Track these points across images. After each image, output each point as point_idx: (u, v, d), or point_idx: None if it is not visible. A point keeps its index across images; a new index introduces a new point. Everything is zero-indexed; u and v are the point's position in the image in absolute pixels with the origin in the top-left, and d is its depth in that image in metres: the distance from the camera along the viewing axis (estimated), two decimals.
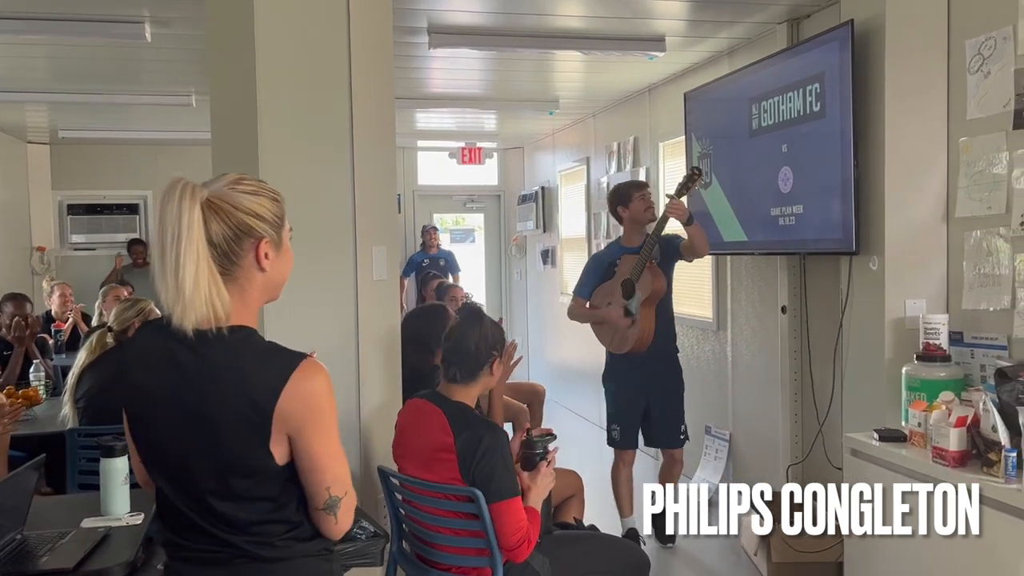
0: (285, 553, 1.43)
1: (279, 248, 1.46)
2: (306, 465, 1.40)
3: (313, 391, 1.38)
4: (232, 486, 1.39)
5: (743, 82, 4.28)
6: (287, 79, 2.88)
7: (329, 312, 2.94)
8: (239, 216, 1.40)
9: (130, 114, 6.62)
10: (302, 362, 1.39)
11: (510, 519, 2.37)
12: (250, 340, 1.42)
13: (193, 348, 1.37)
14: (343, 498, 1.44)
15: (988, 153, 3.06)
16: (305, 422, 1.38)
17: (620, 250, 4.15)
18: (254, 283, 1.44)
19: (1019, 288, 2.94)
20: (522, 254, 9.20)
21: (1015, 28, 2.93)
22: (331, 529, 1.46)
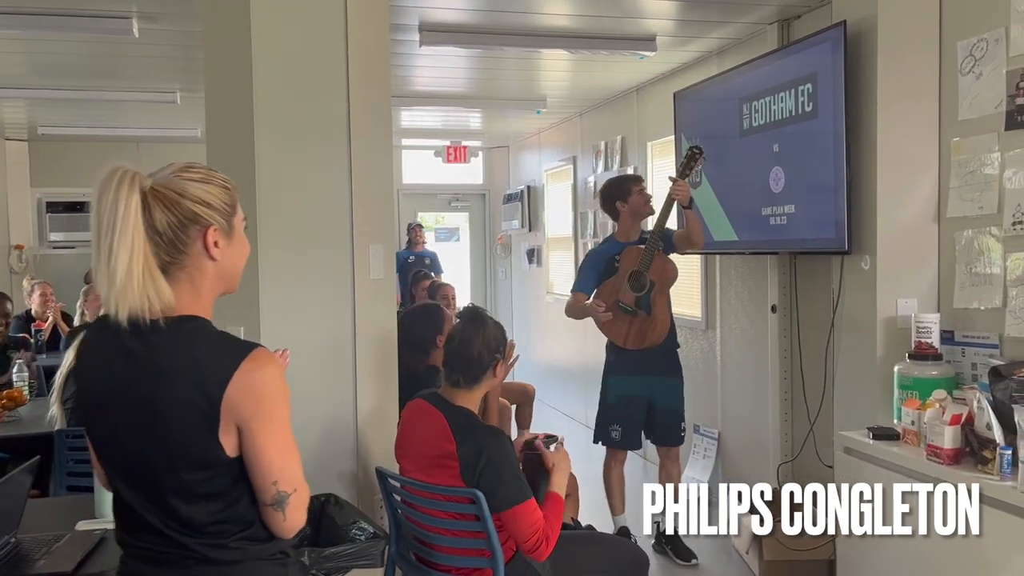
0: (237, 555, 1.40)
1: (230, 236, 1.43)
2: (253, 458, 1.37)
3: (262, 381, 1.36)
4: (183, 480, 1.37)
5: (734, 82, 4.30)
6: (284, 76, 2.86)
7: (326, 310, 2.92)
8: (185, 204, 1.37)
9: (112, 111, 6.54)
10: (252, 351, 1.37)
11: (524, 522, 2.35)
12: (201, 329, 1.40)
13: (143, 338, 1.35)
14: (292, 494, 1.39)
15: (980, 154, 3.09)
16: (253, 412, 1.35)
17: (619, 245, 4.07)
18: (205, 273, 1.41)
19: (1011, 287, 2.97)
20: (507, 253, 9.19)
21: (1007, 30, 2.96)
22: (280, 527, 1.41)
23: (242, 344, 1.39)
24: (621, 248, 4.03)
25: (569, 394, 7.38)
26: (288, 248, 2.90)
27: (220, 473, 1.38)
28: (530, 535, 2.35)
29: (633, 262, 3.93)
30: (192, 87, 5.54)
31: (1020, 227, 2.92)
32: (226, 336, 1.42)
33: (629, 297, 3.94)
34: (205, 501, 1.38)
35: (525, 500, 2.37)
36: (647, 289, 3.92)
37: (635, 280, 3.94)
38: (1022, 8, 2.90)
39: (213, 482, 1.38)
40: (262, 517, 1.42)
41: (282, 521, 1.41)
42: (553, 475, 2.51)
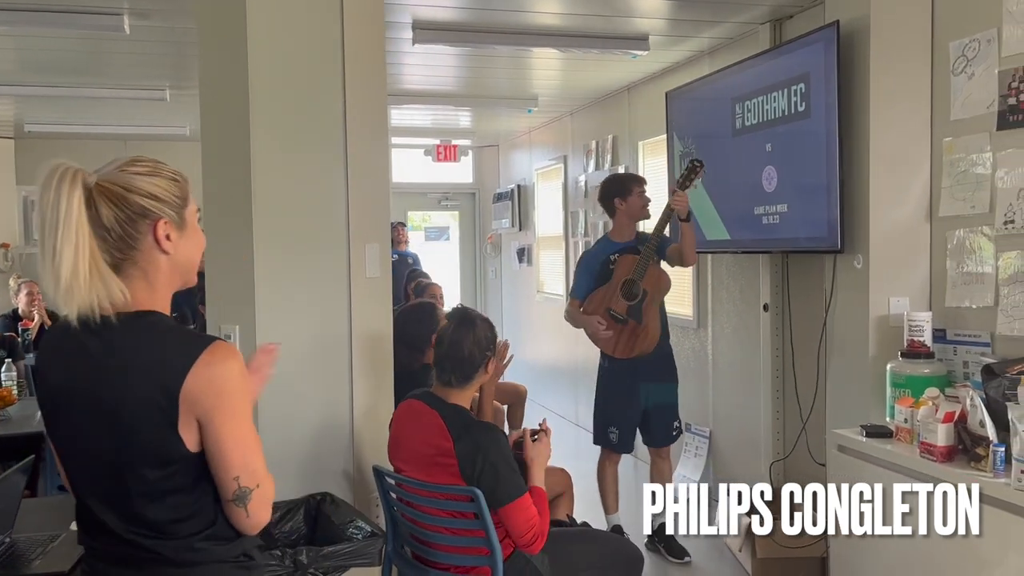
0: (200, 557, 1.39)
1: (182, 229, 1.42)
2: (214, 452, 1.36)
3: (222, 374, 1.34)
4: (145, 478, 1.35)
5: (727, 81, 4.32)
6: (280, 75, 2.85)
7: (322, 309, 2.92)
8: (132, 198, 1.36)
9: (100, 108, 6.49)
10: (212, 344, 1.36)
11: (521, 518, 2.37)
12: (158, 324, 1.39)
13: (99, 336, 1.34)
14: (254, 490, 1.38)
15: (972, 153, 3.11)
16: (213, 406, 1.34)
17: (612, 246, 4.07)
18: (159, 267, 1.40)
19: (1002, 286, 2.99)
20: (497, 252, 9.19)
21: (999, 30, 2.98)
22: (243, 523, 1.40)
23: (201, 338, 1.39)
24: (615, 248, 4.03)
25: (560, 393, 7.39)
26: (284, 247, 2.89)
27: (182, 469, 1.36)
28: (526, 529, 2.37)
29: (628, 270, 3.93)
30: (182, 84, 5.51)
31: (1012, 226, 2.94)
32: (184, 330, 1.42)
33: (621, 306, 3.95)
34: (167, 499, 1.36)
35: (521, 495, 2.39)
36: (639, 299, 3.93)
37: (628, 289, 3.94)
38: (1014, 9, 2.92)
39: (175, 479, 1.36)
40: (225, 514, 1.40)
41: (245, 517, 1.39)
42: (531, 469, 2.52)
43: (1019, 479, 2.37)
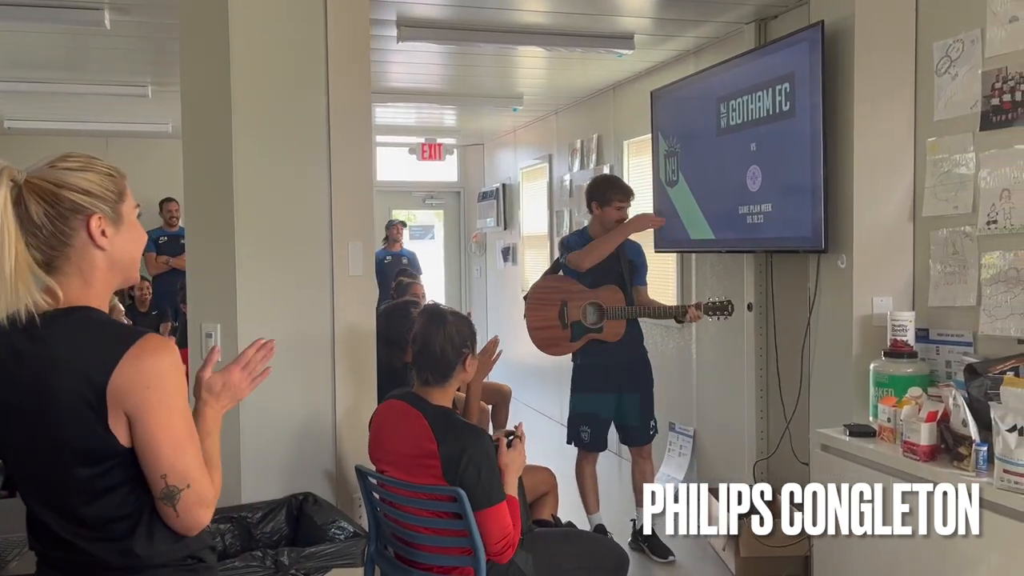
0: (141, 561, 1.36)
1: (118, 224, 1.39)
2: (142, 448, 1.32)
3: (151, 367, 1.31)
4: (79, 476, 1.32)
5: (712, 81, 4.32)
6: (262, 72, 2.83)
7: (305, 308, 2.90)
8: (63, 194, 1.33)
9: (81, 104, 6.42)
10: (142, 338, 1.33)
11: (496, 524, 2.35)
12: (89, 319, 1.36)
13: (30, 335, 1.31)
14: (184, 490, 1.33)
15: (955, 154, 3.13)
16: (142, 400, 1.30)
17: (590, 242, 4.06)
18: (95, 263, 1.37)
19: (985, 286, 3.01)
20: (482, 251, 9.17)
21: (983, 31, 2.99)
22: (173, 523, 1.35)
23: (131, 331, 1.36)
24: None
25: (545, 393, 7.38)
26: (266, 245, 2.86)
27: (117, 465, 1.33)
28: (499, 538, 2.36)
29: (608, 300, 3.94)
30: (164, 80, 5.45)
31: (994, 226, 2.96)
32: (115, 324, 1.39)
33: (575, 314, 3.96)
34: (104, 497, 1.34)
35: (500, 502, 2.37)
36: (589, 328, 3.96)
37: (590, 313, 3.96)
38: (998, 9, 2.94)
39: (111, 475, 1.34)
40: (158, 513, 1.36)
41: (175, 518, 1.35)
42: (504, 476, 2.47)
43: (1001, 478, 2.38)
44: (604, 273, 3.96)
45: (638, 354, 4.07)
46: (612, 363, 3.98)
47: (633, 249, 4.09)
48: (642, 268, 4.08)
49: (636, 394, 4.03)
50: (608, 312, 3.91)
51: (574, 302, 3.98)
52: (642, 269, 4.08)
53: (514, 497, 2.48)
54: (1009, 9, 2.90)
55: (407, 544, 2.49)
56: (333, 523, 2.60)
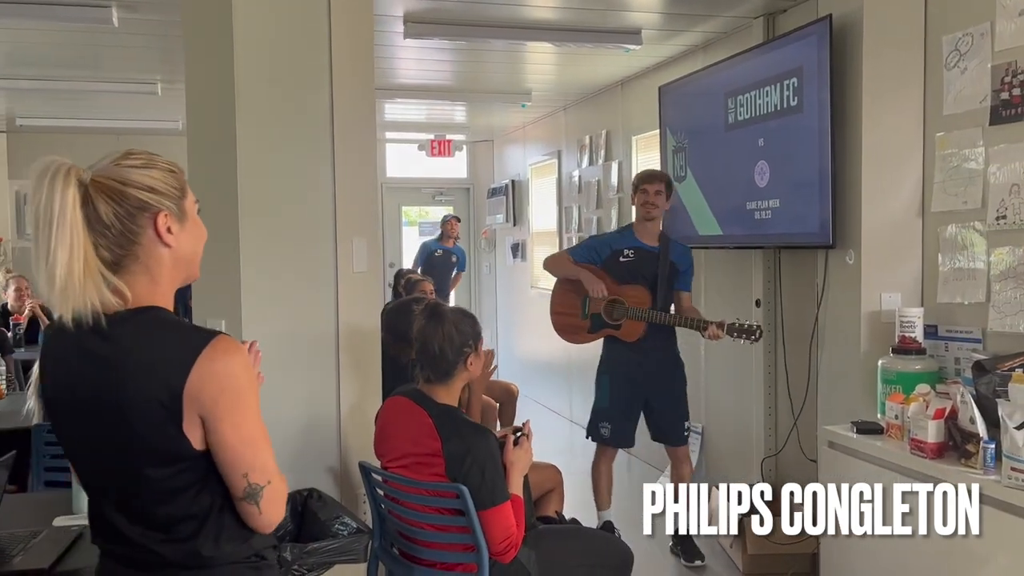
0: (208, 561, 1.36)
1: (183, 221, 1.38)
2: (220, 450, 1.33)
3: (226, 370, 1.31)
4: (150, 478, 1.32)
5: (720, 76, 4.30)
6: (266, 67, 2.82)
7: (309, 304, 2.90)
8: (130, 192, 1.32)
9: (92, 102, 6.45)
10: (214, 339, 1.32)
11: (500, 524, 2.35)
12: (158, 320, 1.35)
13: (101, 335, 1.31)
14: (265, 487, 1.34)
15: (964, 148, 3.10)
16: (217, 403, 1.30)
17: (630, 241, 3.90)
18: (162, 261, 1.36)
19: (994, 282, 2.98)
20: (491, 247, 9.17)
21: (992, 24, 2.96)
22: (256, 521, 1.36)
23: (203, 332, 1.35)
24: (632, 244, 3.88)
25: (553, 389, 7.37)
26: (270, 241, 2.86)
27: (188, 468, 1.33)
28: (502, 538, 2.35)
29: (633, 299, 3.79)
30: (173, 78, 5.47)
31: (1004, 222, 2.93)
32: (186, 325, 1.38)
33: (596, 307, 3.84)
34: (175, 498, 1.34)
35: (503, 502, 2.37)
36: (608, 325, 3.85)
37: (612, 310, 3.84)
38: (1007, 3, 2.90)
39: (181, 477, 1.33)
40: (239, 513, 1.37)
41: (257, 515, 1.36)
42: (509, 474, 2.45)
43: (1009, 476, 2.36)
44: (636, 271, 3.83)
45: (669, 354, 3.92)
46: (639, 361, 3.86)
47: (678, 251, 3.91)
48: (686, 273, 3.91)
49: (666, 395, 3.90)
50: (629, 311, 3.79)
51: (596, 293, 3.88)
52: (686, 274, 3.91)
53: (519, 496, 2.47)
54: (1018, 2, 2.87)
55: (411, 541, 2.49)
56: (337, 519, 2.59)
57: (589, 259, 3.92)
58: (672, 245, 3.89)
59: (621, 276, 3.84)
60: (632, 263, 3.84)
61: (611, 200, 6.13)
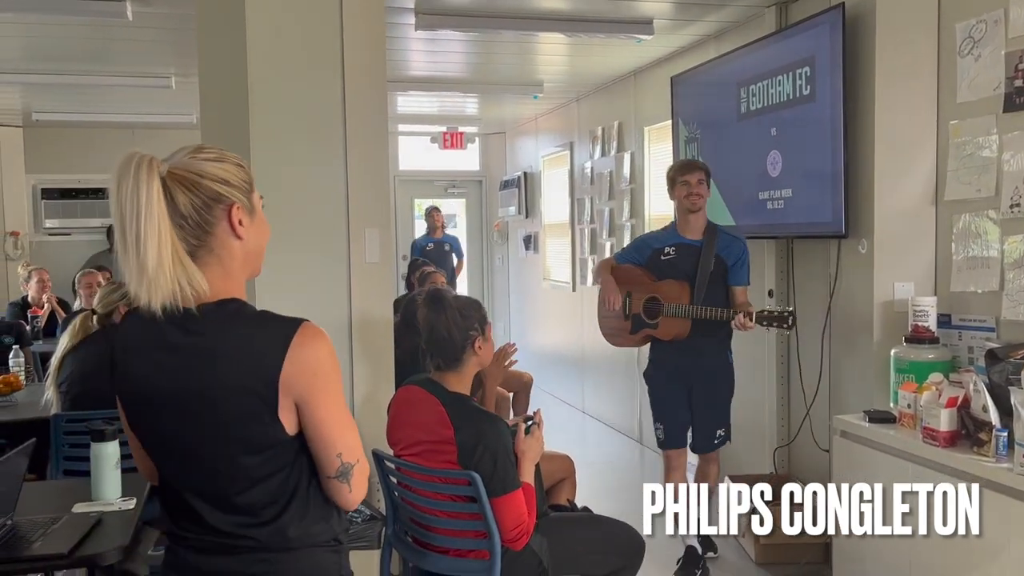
0: (293, 543, 1.39)
1: (252, 214, 1.41)
2: (315, 432, 1.37)
3: (316, 355, 1.35)
4: (242, 465, 1.36)
5: (732, 65, 4.28)
6: (279, 61, 2.86)
7: (322, 294, 2.93)
8: (206, 184, 1.35)
9: (107, 96, 6.50)
10: (301, 326, 1.36)
11: (511, 511, 2.36)
12: (242, 311, 1.38)
13: (185, 328, 1.34)
14: (356, 465, 1.40)
15: (978, 136, 3.08)
16: (311, 387, 1.35)
17: (672, 237, 3.67)
18: (234, 253, 1.39)
19: (1007, 270, 2.97)
20: (504, 240, 9.18)
21: (1006, 11, 2.95)
22: (346, 498, 1.41)
23: (289, 320, 1.38)
24: (673, 241, 3.64)
25: (566, 380, 7.39)
26: (283, 232, 2.88)
27: (280, 453, 1.37)
28: (513, 525, 2.37)
29: (669, 295, 3.57)
30: (187, 72, 5.51)
31: (1017, 210, 2.91)
32: (270, 314, 1.40)
33: (636, 306, 3.65)
34: (264, 483, 1.37)
35: (515, 489, 2.38)
36: (647, 324, 3.64)
37: (650, 308, 3.63)
38: None
39: (274, 462, 1.37)
40: (327, 492, 1.41)
41: (348, 493, 1.41)
42: (521, 463, 2.46)
43: (1022, 464, 2.36)
44: (676, 268, 3.59)
45: (717, 359, 3.65)
46: (677, 363, 3.64)
47: (724, 243, 3.58)
48: (735, 266, 3.58)
49: (704, 400, 3.64)
50: (664, 308, 3.57)
51: (637, 294, 3.67)
52: (736, 267, 3.58)
53: (530, 484, 2.48)
54: None
55: (424, 528, 2.52)
56: None
57: (633, 260, 3.74)
58: (720, 237, 3.59)
59: (662, 274, 3.63)
60: (673, 260, 3.62)
61: (623, 191, 6.13)
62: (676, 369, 3.66)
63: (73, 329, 3.56)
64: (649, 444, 6.00)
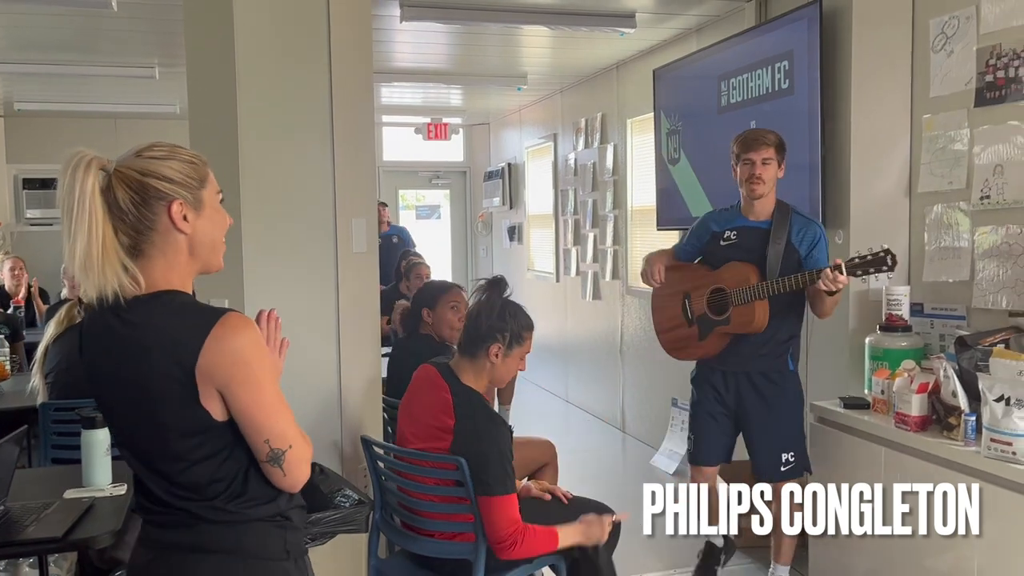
0: (237, 517, 1.45)
1: (199, 209, 1.46)
2: (241, 419, 1.42)
3: (235, 345, 1.39)
4: (176, 449, 1.42)
5: (713, 59, 4.35)
6: (266, 51, 2.88)
7: (310, 284, 2.96)
8: (146, 181, 1.41)
9: (90, 86, 6.48)
10: (222, 317, 1.40)
11: (500, 515, 2.37)
12: (173, 301, 1.43)
13: (121, 316, 1.40)
14: (287, 451, 1.44)
15: (950, 130, 3.16)
16: (231, 377, 1.39)
17: (735, 219, 3.10)
18: (178, 247, 1.44)
19: (978, 260, 3.05)
20: (488, 231, 9.22)
21: (977, 8, 3.02)
22: (281, 482, 1.46)
23: (212, 311, 1.42)
24: (736, 224, 3.09)
25: (549, 369, 7.45)
26: (271, 222, 2.93)
27: (213, 437, 1.42)
28: (503, 529, 2.37)
29: (733, 280, 3.01)
30: (171, 62, 5.50)
31: (987, 202, 3.00)
32: (197, 305, 1.45)
33: (699, 306, 3.11)
34: (202, 464, 1.43)
35: (505, 494, 2.38)
36: (716, 321, 3.07)
37: (716, 301, 3.07)
38: None
39: (208, 445, 1.42)
40: (265, 474, 1.46)
41: (282, 477, 1.46)
42: (570, 527, 2.49)
43: (989, 447, 2.44)
44: (739, 251, 3.04)
45: (774, 364, 3.07)
46: (726, 369, 3.12)
47: (798, 227, 3.01)
48: (810, 257, 2.98)
49: (758, 417, 3.08)
50: (732, 296, 2.99)
51: (697, 291, 3.12)
52: (810, 259, 2.98)
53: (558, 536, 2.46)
54: None
55: (412, 512, 2.57)
56: (339, 491, 2.67)
57: (693, 247, 3.22)
58: (793, 219, 3.01)
59: (723, 261, 3.08)
60: (734, 246, 3.06)
61: (606, 183, 6.18)
62: (714, 375, 3.14)
63: (59, 318, 3.59)
64: (631, 432, 6.08)
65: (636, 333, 5.97)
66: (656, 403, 5.65)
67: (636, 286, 5.95)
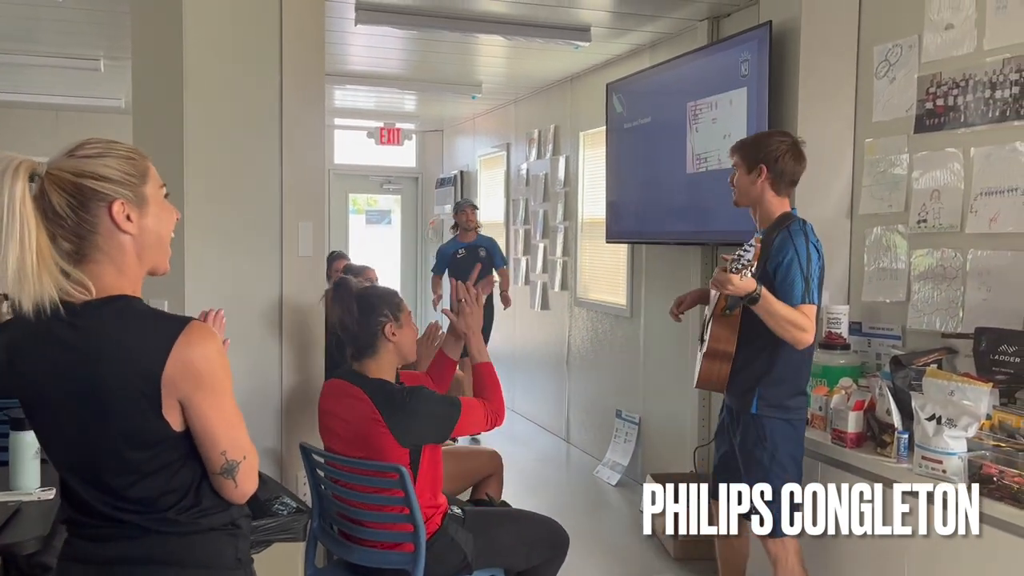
0: (188, 527, 1.41)
1: (142, 206, 1.38)
2: (200, 430, 1.38)
3: (200, 355, 1.35)
4: (128, 460, 1.37)
5: (665, 75, 4.41)
6: (215, 48, 2.83)
7: (253, 287, 2.92)
8: (82, 183, 1.32)
9: (31, 76, 6.29)
10: (187, 326, 1.36)
11: (471, 422, 2.57)
12: (130, 308, 1.38)
13: (72, 324, 1.33)
14: (241, 462, 1.41)
15: (891, 154, 3.25)
16: (195, 387, 1.35)
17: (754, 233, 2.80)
18: (124, 249, 1.37)
19: (914, 282, 3.14)
20: (438, 237, 9.18)
21: (920, 37, 3.12)
22: (232, 493, 1.43)
23: (175, 319, 1.38)
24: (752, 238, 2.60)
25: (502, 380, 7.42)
26: (215, 224, 2.87)
27: (167, 448, 1.38)
28: (481, 423, 2.59)
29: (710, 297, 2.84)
30: (117, 54, 5.38)
31: (924, 225, 3.09)
32: (157, 313, 1.40)
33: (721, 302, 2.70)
34: (152, 477, 1.38)
35: (459, 412, 2.52)
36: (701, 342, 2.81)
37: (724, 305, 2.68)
38: (935, 17, 3.06)
39: (160, 458, 1.38)
40: (214, 486, 1.43)
41: (233, 488, 1.42)
42: (471, 344, 2.71)
43: (920, 464, 2.50)
44: None
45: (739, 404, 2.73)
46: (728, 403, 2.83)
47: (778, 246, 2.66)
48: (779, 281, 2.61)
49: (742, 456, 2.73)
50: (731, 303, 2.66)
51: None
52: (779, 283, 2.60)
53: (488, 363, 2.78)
54: (945, 17, 3.02)
55: (351, 521, 2.54)
56: (277, 499, 2.63)
57: None
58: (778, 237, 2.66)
59: None
60: None
61: (558, 194, 6.21)
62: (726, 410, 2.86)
63: None
64: (576, 443, 6.11)
65: (583, 344, 6.00)
66: (601, 414, 5.68)
67: (585, 297, 5.99)
